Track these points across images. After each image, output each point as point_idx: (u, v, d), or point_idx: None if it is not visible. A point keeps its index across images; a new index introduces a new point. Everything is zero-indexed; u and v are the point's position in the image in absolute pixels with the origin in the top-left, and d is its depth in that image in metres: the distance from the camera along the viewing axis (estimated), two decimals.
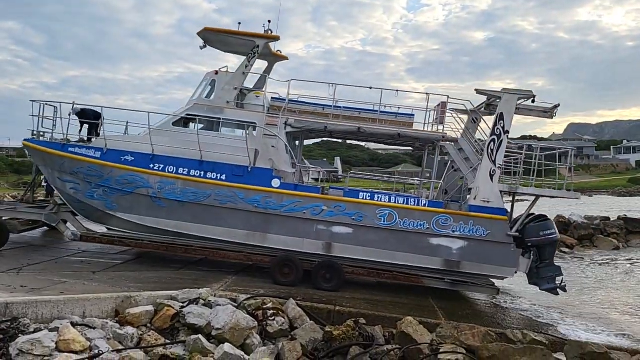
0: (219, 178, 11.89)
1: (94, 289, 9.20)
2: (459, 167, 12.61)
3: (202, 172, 11.92)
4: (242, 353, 7.47)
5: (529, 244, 11.67)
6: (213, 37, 13.10)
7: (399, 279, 11.67)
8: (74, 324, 7.33)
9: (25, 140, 13.11)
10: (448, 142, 12.60)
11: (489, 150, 11.68)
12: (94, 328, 7.47)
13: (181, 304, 8.62)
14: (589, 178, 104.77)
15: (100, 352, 6.73)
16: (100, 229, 12.97)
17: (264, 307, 8.95)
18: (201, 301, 8.84)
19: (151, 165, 11.99)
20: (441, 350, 7.91)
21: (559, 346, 8.54)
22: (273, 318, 8.62)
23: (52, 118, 12.79)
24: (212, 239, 12.01)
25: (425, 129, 12.98)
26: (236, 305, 8.85)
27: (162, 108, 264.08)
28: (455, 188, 13.36)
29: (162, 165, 11.98)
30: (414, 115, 13.12)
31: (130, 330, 7.66)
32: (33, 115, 12.55)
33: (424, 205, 11.79)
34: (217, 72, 12.81)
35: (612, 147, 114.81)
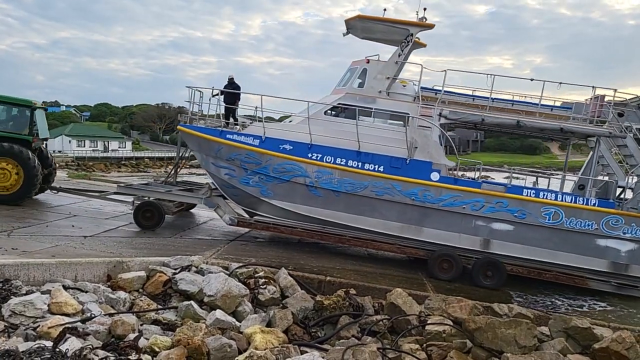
0: (376, 169, 11.69)
1: (85, 253, 9.22)
2: (608, 163, 12.16)
3: (360, 163, 11.74)
4: (234, 320, 7.57)
5: None
6: (360, 24, 12.55)
7: (561, 279, 11.35)
8: (65, 287, 7.38)
9: (180, 125, 13.14)
10: (608, 138, 11.99)
11: None
12: (86, 292, 7.54)
13: (173, 271, 8.68)
14: (580, 157, 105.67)
15: (93, 316, 6.78)
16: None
17: (256, 275, 9.04)
18: (193, 268, 8.91)
19: (309, 155, 11.84)
20: (429, 322, 8.09)
21: (544, 320, 8.74)
22: (264, 286, 8.71)
23: (198, 103, 13.09)
24: (364, 230, 11.88)
25: (583, 124, 12.30)
26: (228, 273, 8.92)
27: (155, 74, 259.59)
28: (599, 184, 12.59)
29: (319, 155, 11.82)
30: (571, 108, 12.62)
31: (122, 294, 7.71)
32: (188, 101, 12.83)
33: (594, 204, 11.36)
34: (368, 61, 12.43)
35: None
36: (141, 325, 7.05)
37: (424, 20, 12.46)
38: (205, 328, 6.85)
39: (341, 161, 11.79)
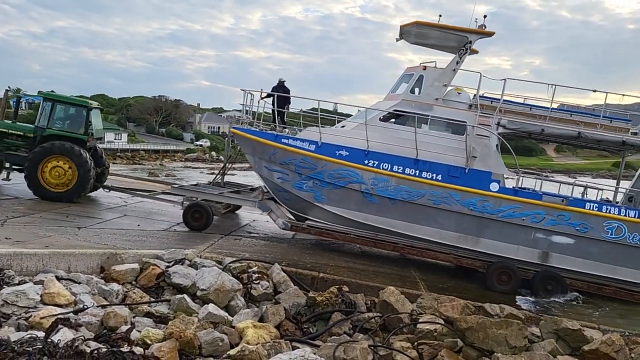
0: (434, 178, 11.56)
1: (79, 245, 9.21)
2: None
3: (417, 171, 11.60)
4: (226, 314, 7.59)
5: None
6: (415, 30, 12.36)
7: (621, 295, 11.18)
8: (58, 278, 7.37)
9: (233, 128, 13.10)
10: None
11: None
12: (79, 283, 7.52)
13: (167, 264, 8.68)
14: (575, 160, 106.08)
15: (85, 307, 6.78)
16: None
17: (249, 270, 9.04)
18: (187, 262, 8.91)
19: (365, 161, 11.74)
20: (420, 320, 8.12)
21: (535, 321, 8.80)
22: (258, 282, 8.72)
23: (248, 106, 13.15)
24: (420, 238, 11.78)
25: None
26: (221, 267, 8.92)
27: (152, 66, 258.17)
28: None
29: (376, 162, 11.71)
30: (630, 120, 12.41)
31: (115, 286, 7.71)
32: (242, 104, 12.95)
33: None
34: (425, 68, 12.27)
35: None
36: (134, 317, 7.05)
37: (484, 27, 12.21)
38: (197, 322, 6.86)
39: (398, 169, 11.67)
